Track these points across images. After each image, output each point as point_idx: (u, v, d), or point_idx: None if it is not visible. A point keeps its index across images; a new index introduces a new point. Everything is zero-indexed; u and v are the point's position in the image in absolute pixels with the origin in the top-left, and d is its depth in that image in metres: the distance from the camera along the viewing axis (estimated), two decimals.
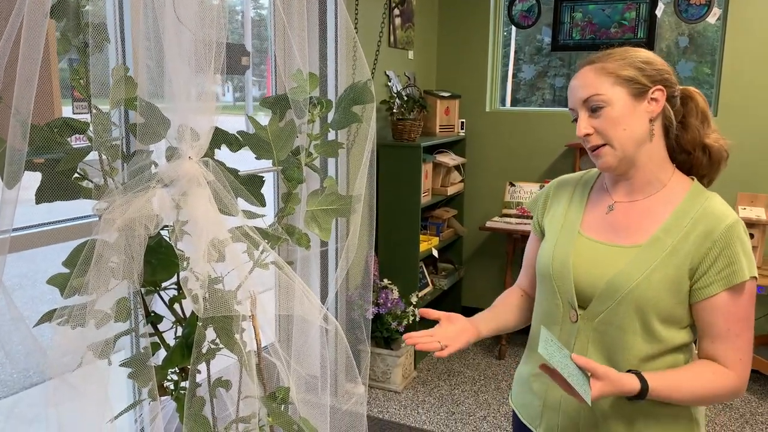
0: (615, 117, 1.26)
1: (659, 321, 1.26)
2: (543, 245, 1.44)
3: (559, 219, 1.43)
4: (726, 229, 1.23)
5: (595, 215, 1.38)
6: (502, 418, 3.34)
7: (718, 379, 1.24)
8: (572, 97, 1.32)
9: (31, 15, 0.80)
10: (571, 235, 1.37)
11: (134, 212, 0.78)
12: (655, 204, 1.31)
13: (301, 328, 1.01)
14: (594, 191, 1.43)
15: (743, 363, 1.25)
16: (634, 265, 1.26)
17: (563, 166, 4.21)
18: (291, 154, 0.96)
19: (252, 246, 0.88)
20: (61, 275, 0.87)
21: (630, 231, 1.31)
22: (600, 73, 1.29)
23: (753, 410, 3.44)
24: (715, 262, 1.22)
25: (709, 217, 1.25)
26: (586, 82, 1.30)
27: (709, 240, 1.23)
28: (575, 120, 1.33)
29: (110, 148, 0.85)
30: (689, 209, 1.28)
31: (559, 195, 1.47)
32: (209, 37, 0.83)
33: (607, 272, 1.28)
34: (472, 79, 4.46)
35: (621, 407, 1.30)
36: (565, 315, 1.34)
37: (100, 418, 0.87)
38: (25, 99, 0.78)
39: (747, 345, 1.25)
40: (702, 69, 4.24)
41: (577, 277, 1.32)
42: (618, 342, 1.28)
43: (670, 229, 1.27)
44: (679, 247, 1.25)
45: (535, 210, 1.53)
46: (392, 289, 3.63)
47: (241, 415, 0.94)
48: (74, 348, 0.86)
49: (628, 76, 1.27)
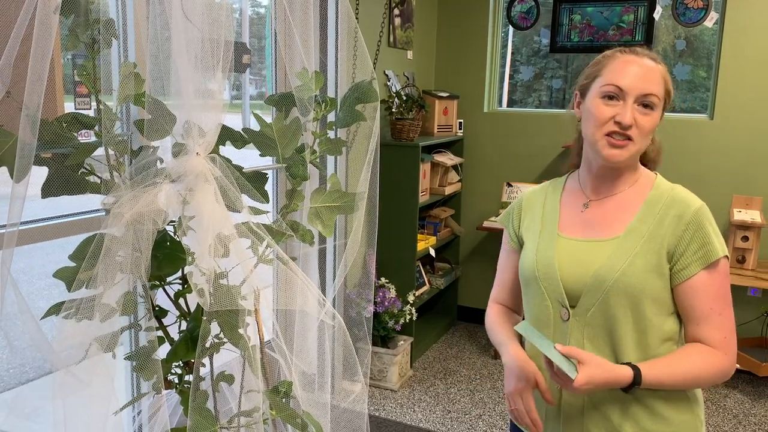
0: (654, 125, 1.30)
1: (648, 306, 1.30)
2: (524, 252, 1.46)
3: (536, 225, 1.46)
4: (695, 212, 1.30)
5: (570, 215, 1.42)
6: (498, 417, 3.35)
7: (707, 359, 1.28)
8: (633, 82, 1.28)
9: (41, 11, 0.80)
10: (551, 237, 1.41)
11: (142, 207, 0.79)
12: (627, 198, 1.37)
13: (302, 324, 1.03)
14: (565, 194, 1.47)
15: (728, 341, 1.30)
16: (616, 255, 1.31)
17: (560, 167, 4.23)
18: (295, 151, 0.97)
19: (257, 242, 0.89)
20: (68, 269, 0.88)
21: (606, 225, 1.36)
22: (660, 75, 1.31)
23: (746, 411, 3.47)
24: (690, 243, 1.28)
25: (678, 203, 1.32)
26: (653, 77, 1.29)
27: (682, 223, 1.29)
28: (609, 97, 1.29)
29: (118, 144, 0.86)
30: (658, 198, 1.34)
31: (531, 204, 1.51)
32: (217, 35, 0.84)
33: (591, 266, 1.32)
34: (470, 79, 4.47)
35: (621, 399, 1.33)
36: (556, 315, 1.37)
37: (105, 410, 0.88)
38: (35, 94, 0.79)
39: (729, 322, 1.30)
40: (698, 72, 4.27)
41: (563, 275, 1.35)
42: (611, 333, 1.32)
43: (644, 218, 1.33)
44: (655, 232, 1.31)
45: (509, 223, 1.55)
46: (389, 288, 3.64)
47: (243, 409, 0.95)
48: (79, 341, 0.87)
49: (670, 91, 1.33)
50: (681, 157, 3.87)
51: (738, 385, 3.77)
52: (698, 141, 3.90)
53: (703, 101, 4.04)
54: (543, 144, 4.31)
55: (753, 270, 3.57)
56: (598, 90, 1.31)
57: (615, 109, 1.28)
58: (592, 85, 1.34)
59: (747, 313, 3.83)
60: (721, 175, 3.83)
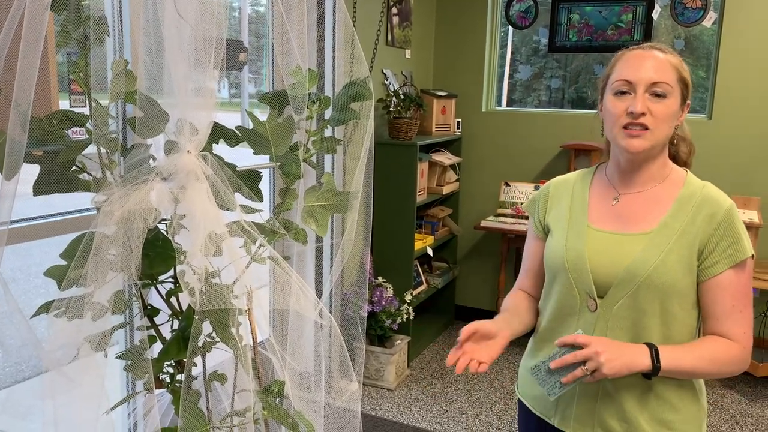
0: (670, 112, 1.32)
1: (676, 300, 1.33)
2: (551, 242, 1.48)
3: (564, 215, 1.47)
4: (727, 211, 1.33)
5: (600, 208, 1.44)
6: (494, 417, 3.35)
7: (727, 348, 1.32)
8: (638, 72, 1.32)
9: (32, 7, 0.80)
10: (580, 228, 1.43)
11: (133, 205, 0.78)
12: (659, 194, 1.39)
13: (296, 323, 1.02)
14: (594, 186, 1.48)
15: (747, 336, 1.34)
16: (649, 250, 1.33)
17: (558, 167, 4.23)
18: (289, 149, 0.96)
19: (249, 241, 0.88)
20: (59, 267, 0.88)
21: (638, 219, 1.38)
22: (670, 64, 1.33)
23: (743, 411, 3.47)
24: (721, 241, 1.31)
25: (710, 202, 1.35)
26: (659, 66, 1.32)
27: (714, 221, 1.32)
28: (621, 92, 1.33)
29: (109, 141, 0.86)
30: (691, 196, 1.37)
31: (559, 193, 1.52)
32: (209, 32, 0.84)
33: (623, 260, 1.35)
34: (468, 78, 4.47)
35: (635, 388, 1.36)
36: (583, 305, 1.40)
37: (96, 410, 0.87)
38: (25, 91, 0.78)
39: (749, 320, 1.34)
40: (697, 72, 4.26)
41: (593, 267, 1.38)
42: (637, 325, 1.35)
43: (677, 215, 1.35)
44: (687, 229, 1.33)
45: (534, 210, 1.56)
46: (386, 287, 3.64)
47: (236, 409, 0.95)
48: (70, 340, 0.86)
49: (686, 79, 1.36)
50: None
51: (735, 385, 3.77)
52: (696, 141, 3.87)
53: (702, 101, 4.04)
54: (541, 143, 4.30)
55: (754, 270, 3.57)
56: (611, 87, 1.36)
57: (627, 102, 1.32)
58: (606, 86, 1.40)
59: None
60: (720, 175, 3.83)
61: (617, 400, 1.37)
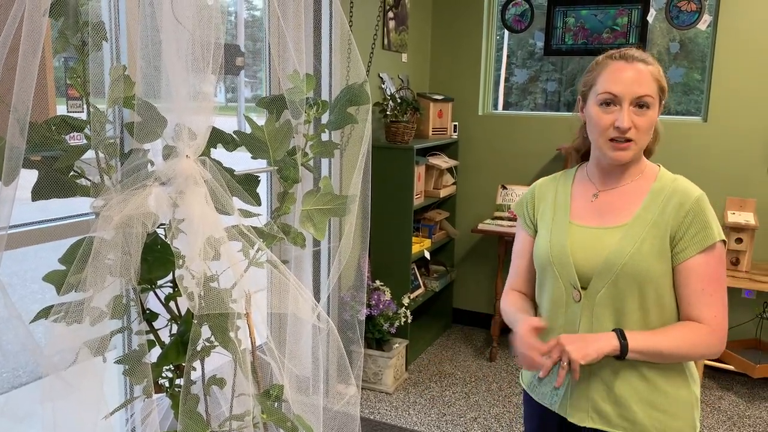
0: (652, 122, 1.41)
1: (653, 287, 1.40)
2: (538, 239, 1.57)
3: (548, 213, 1.57)
4: (696, 200, 1.41)
5: (581, 205, 1.53)
6: (493, 420, 3.35)
7: (692, 331, 1.39)
8: (625, 87, 1.38)
9: (30, 13, 0.80)
10: (563, 224, 1.53)
11: (132, 209, 0.78)
12: (634, 188, 1.48)
13: (294, 327, 1.02)
14: (576, 184, 1.58)
15: (718, 320, 1.39)
16: (625, 241, 1.42)
17: (554, 170, 4.22)
18: (287, 154, 0.97)
19: (247, 245, 0.88)
20: (57, 272, 0.88)
21: (615, 213, 1.47)
22: (652, 76, 1.40)
23: (741, 413, 3.47)
24: (690, 228, 1.39)
25: (680, 192, 1.43)
26: (643, 79, 1.39)
27: (683, 210, 1.40)
28: (606, 104, 1.39)
29: (108, 146, 0.86)
30: (662, 189, 1.46)
31: (544, 193, 1.63)
32: (207, 37, 0.84)
33: (602, 251, 1.44)
34: (465, 82, 4.48)
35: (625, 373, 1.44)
36: (569, 297, 1.48)
37: (95, 414, 0.87)
38: (24, 97, 0.79)
39: (721, 303, 1.40)
40: (692, 75, 4.28)
41: (575, 260, 1.46)
42: (619, 312, 1.43)
43: (649, 206, 1.44)
44: (659, 219, 1.42)
45: (523, 211, 1.66)
46: (384, 291, 3.64)
47: (234, 413, 0.95)
48: (69, 345, 0.86)
49: (664, 87, 1.43)
50: (675, 160, 3.87)
51: (733, 387, 3.77)
52: (692, 143, 3.91)
53: (698, 104, 4.05)
54: (538, 147, 4.31)
55: (747, 272, 3.58)
56: (596, 98, 1.43)
57: (613, 115, 1.40)
58: (590, 93, 1.46)
59: (741, 315, 3.83)
60: (715, 177, 3.84)
61: (609, 386, 1.45)
